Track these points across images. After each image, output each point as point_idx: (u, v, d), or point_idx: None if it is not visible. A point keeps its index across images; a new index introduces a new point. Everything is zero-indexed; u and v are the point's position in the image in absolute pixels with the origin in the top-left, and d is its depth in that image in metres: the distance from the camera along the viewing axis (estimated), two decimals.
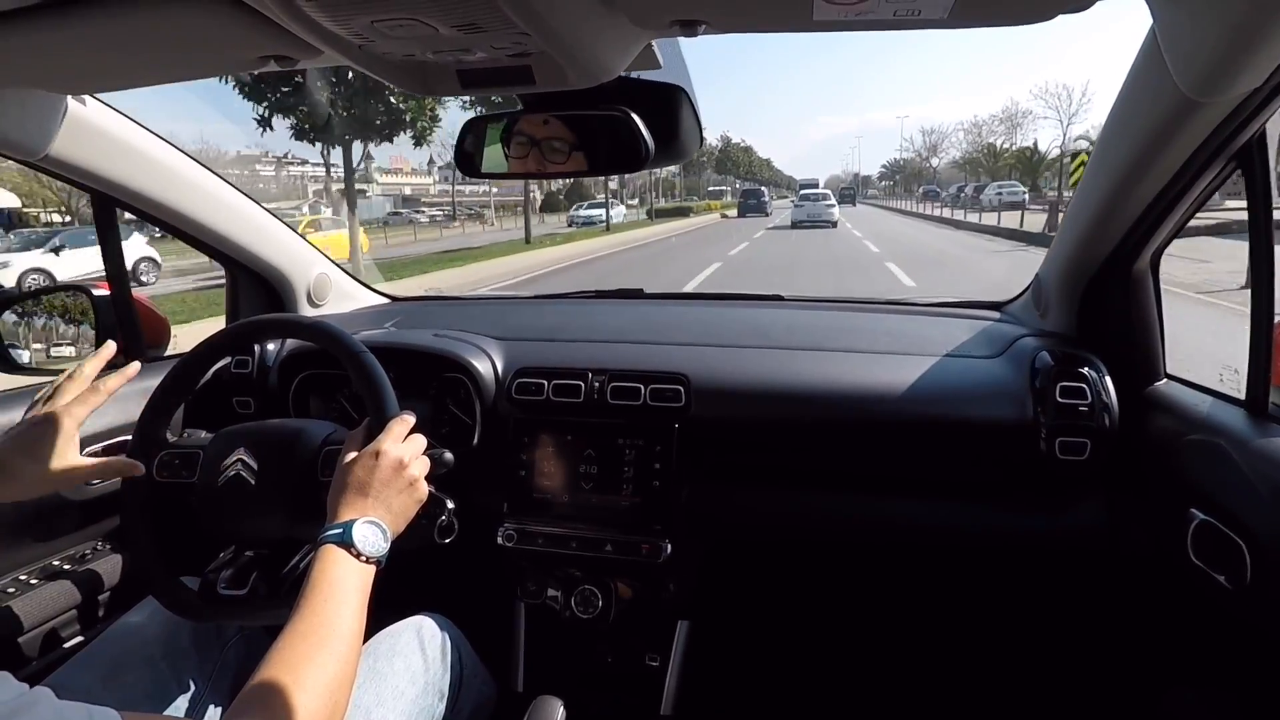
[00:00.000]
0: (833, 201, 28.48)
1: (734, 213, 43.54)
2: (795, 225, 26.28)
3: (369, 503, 0.80)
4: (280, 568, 0.93)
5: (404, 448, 0.85)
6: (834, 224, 25.99)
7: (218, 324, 1.12)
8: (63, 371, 1.24)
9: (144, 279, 15.18)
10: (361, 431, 0.88)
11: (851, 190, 70.29)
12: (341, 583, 0.73)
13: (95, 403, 0.90)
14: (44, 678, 0.86)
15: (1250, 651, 0.87)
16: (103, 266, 1.29)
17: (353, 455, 0.83)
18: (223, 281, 1.59)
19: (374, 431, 0.86)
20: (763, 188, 50.98)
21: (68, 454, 0.87)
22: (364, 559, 0.76)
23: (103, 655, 0.90)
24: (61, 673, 0.87)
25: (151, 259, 16.29)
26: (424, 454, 0.88)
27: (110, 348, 0.95)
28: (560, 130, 0.90)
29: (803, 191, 33.38)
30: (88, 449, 1.15)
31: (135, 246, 15.36)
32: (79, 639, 1.14)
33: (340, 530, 0.77)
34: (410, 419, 0.88)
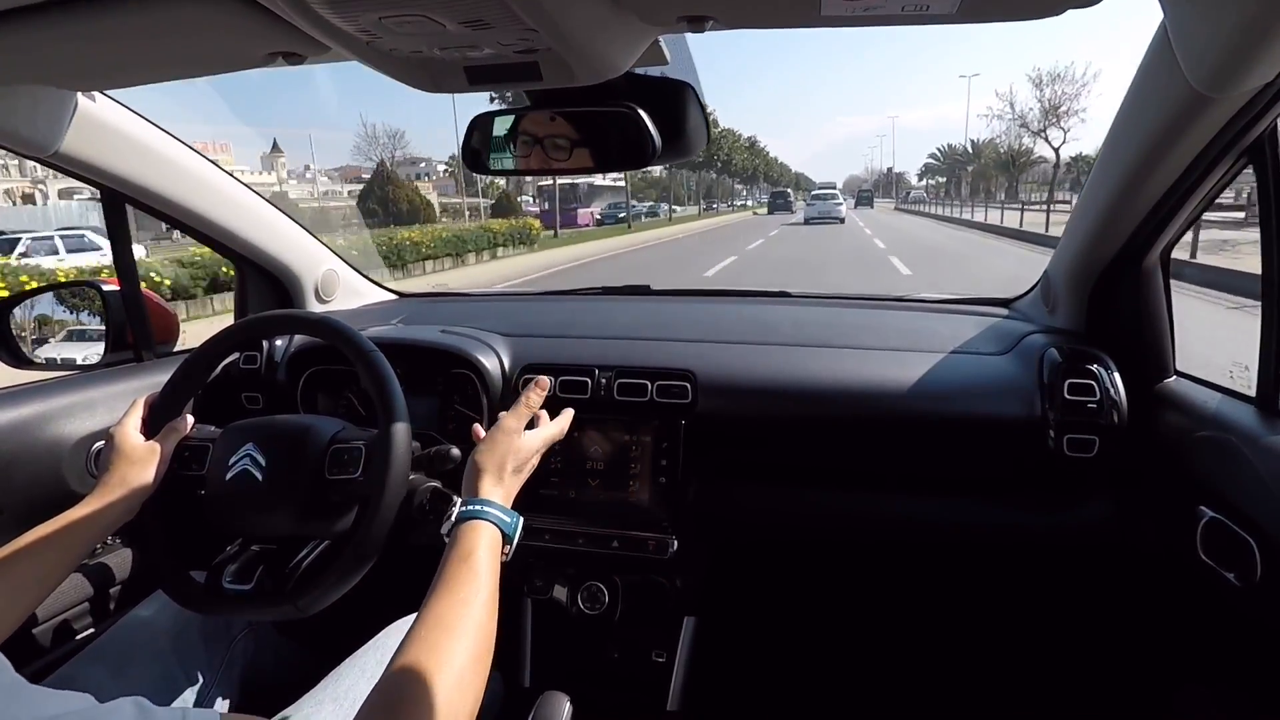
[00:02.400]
0: (840, 201, 33.52)
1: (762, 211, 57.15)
2: (808, 221, 31.02)
3: (515, 494, 0.87)
4: (286, 564, 0.93)
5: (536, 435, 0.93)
6: (841, 220, 31.09)
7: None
8: (73, 367, 1.26)
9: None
10: (524, 407, 0.94)
11: (869, 192, 72.00)
12: (493, 582, 0.74)
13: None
14: (57, 669, 0.87)
15: (1261, 649, 0.87)
16: None
17: (526, 432, 0.91)
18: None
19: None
20: (789, 190, 63.73)
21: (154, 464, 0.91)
22: (506, 555, 0.80)
23: (113, 647, 0.91)
24: (73, 664, 0.88)
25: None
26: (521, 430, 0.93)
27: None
28: (567, 126, 0.90)
29: (814, 193, 37.91)
30: (95, 446, 1.16)
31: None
32: (90, 631, 1.15)
33: (510, 520, 0.81)
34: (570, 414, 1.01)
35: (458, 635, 0.65)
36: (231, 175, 1.38)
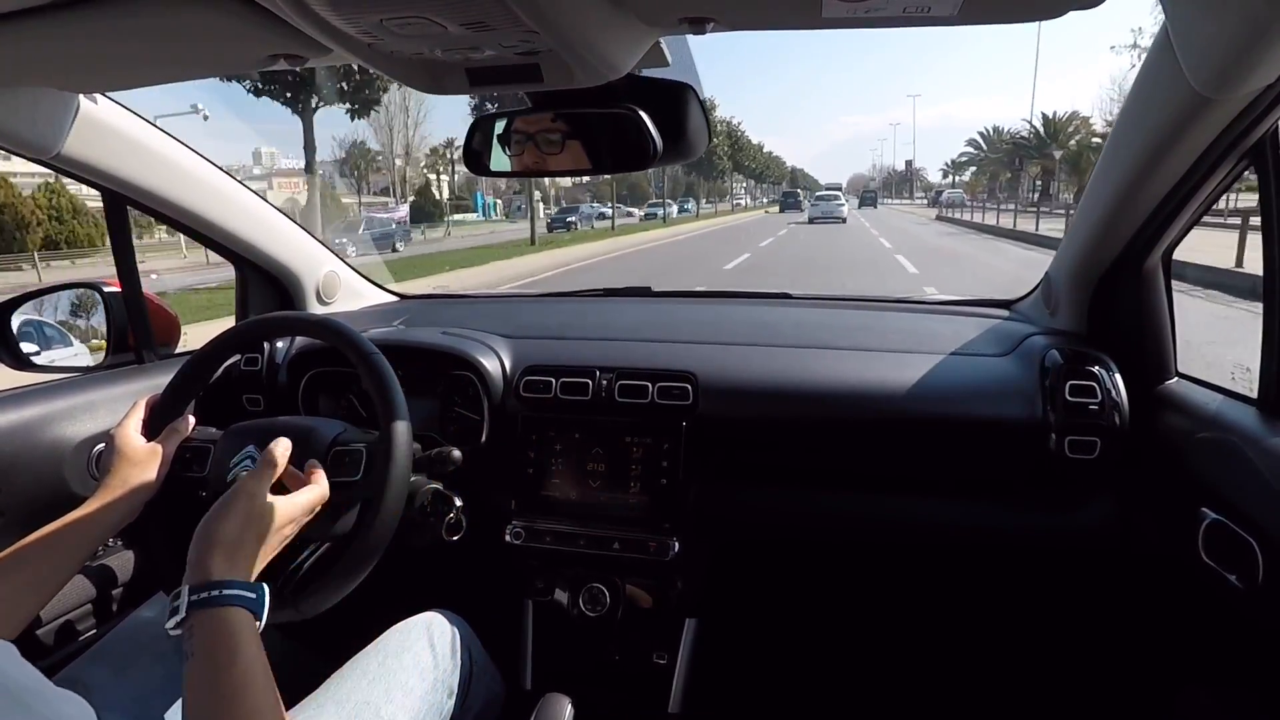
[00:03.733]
0: (842, 201, 36.42)
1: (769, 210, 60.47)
2: (812, 221, 33.21)
3: (260, 567, 0.75)
4: (286, 566, 0.93)
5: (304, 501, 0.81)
6: (843, 220, 33.13)
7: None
8: (75, 369, 1.26)
9: None
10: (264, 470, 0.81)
11: (873, 193, 72.74)
12: (260, 654, 0.65)
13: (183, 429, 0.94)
14: (60, 670, 0.87)
15: (1263, 650, 0.86)
16: None
17: (279, 501, 0.78)
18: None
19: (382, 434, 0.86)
20: (799, 191, 64.70)
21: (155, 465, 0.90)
22: (260, 624, 0.70)
23: (115, 649, 0.91)
24: (75, 665, 0.88)
25: None
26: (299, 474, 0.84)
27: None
28: (568, 128, 0.90)
29: (818, 194, 42.21)
30: (96, 448, 1.16)
31: None
32: (93, 632, 1.15)
33: (257, 596, 0.70)
34: (283, 447, 0.83)
35: None
36: (232, 176, 1.38)
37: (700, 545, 1.18)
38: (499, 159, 0.95)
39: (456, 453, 0.91)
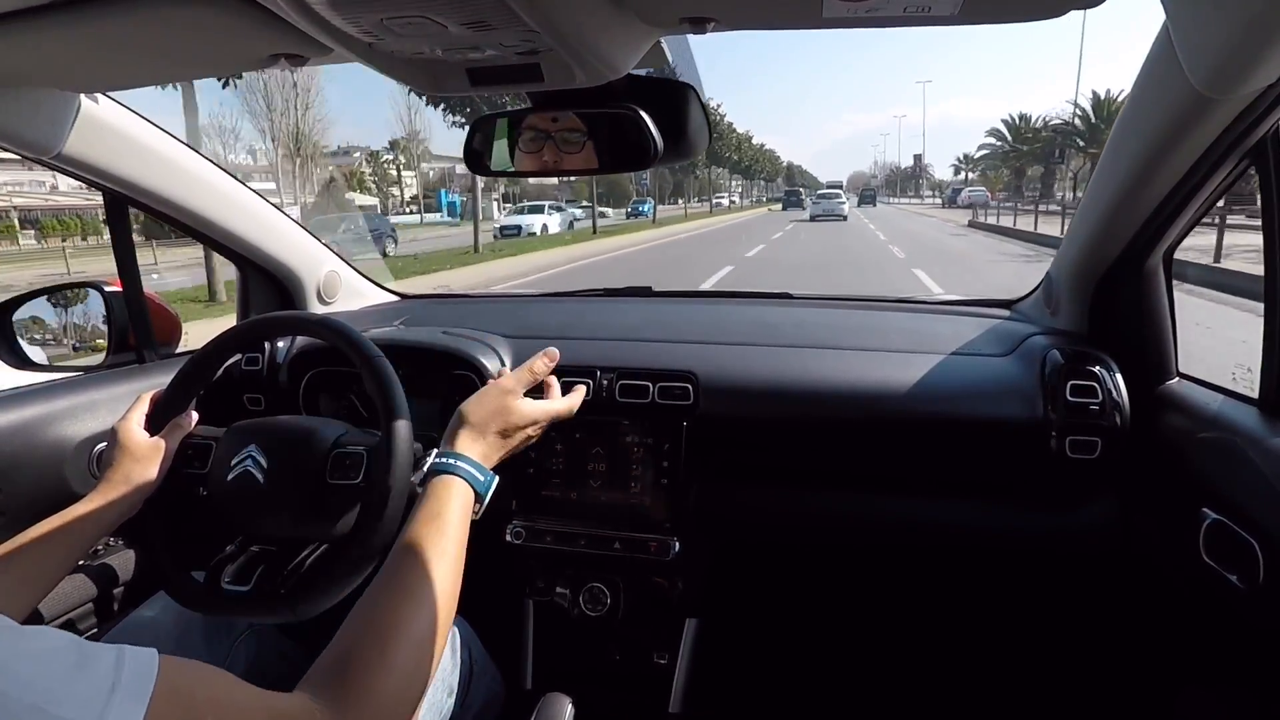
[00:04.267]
0: (843, 200, 38.02)
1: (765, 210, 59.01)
2: (814, 219, 34.56)
3: (500, 456, 0.83)
4: (285, 566, 0.94)
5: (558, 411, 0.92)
6: (844, 217, 34.41)
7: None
8: (76, 369, 1.27)
9: None
10: (527, 371, 0.92)
11: (872, 192, 74.78)
12: (462, 538, 0.72)
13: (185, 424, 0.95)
14: None
15: (1264, 651, 0.86)
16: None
17: (525, 396, 0.88)
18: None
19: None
20: (801, 189, 65.98)
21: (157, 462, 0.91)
22: (477, 514, 0.76)
23: None
24: None
25: None
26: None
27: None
28: (569, 128, 0.90)
29: (819, 192, 44.65)
30: (97, 447, 1.16)
31: None
32: (94, 631, 1.15)
33: (486, 480, 0.77)
34: (582, 391, 0.98)
35: (419, 600, 0.64)
36: (233, 176, 1.38)
37: (701, 545, 1.18)
38: (499, 159, 0.95)
39: None
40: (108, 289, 1.29)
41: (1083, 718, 1.31)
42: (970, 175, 75.64)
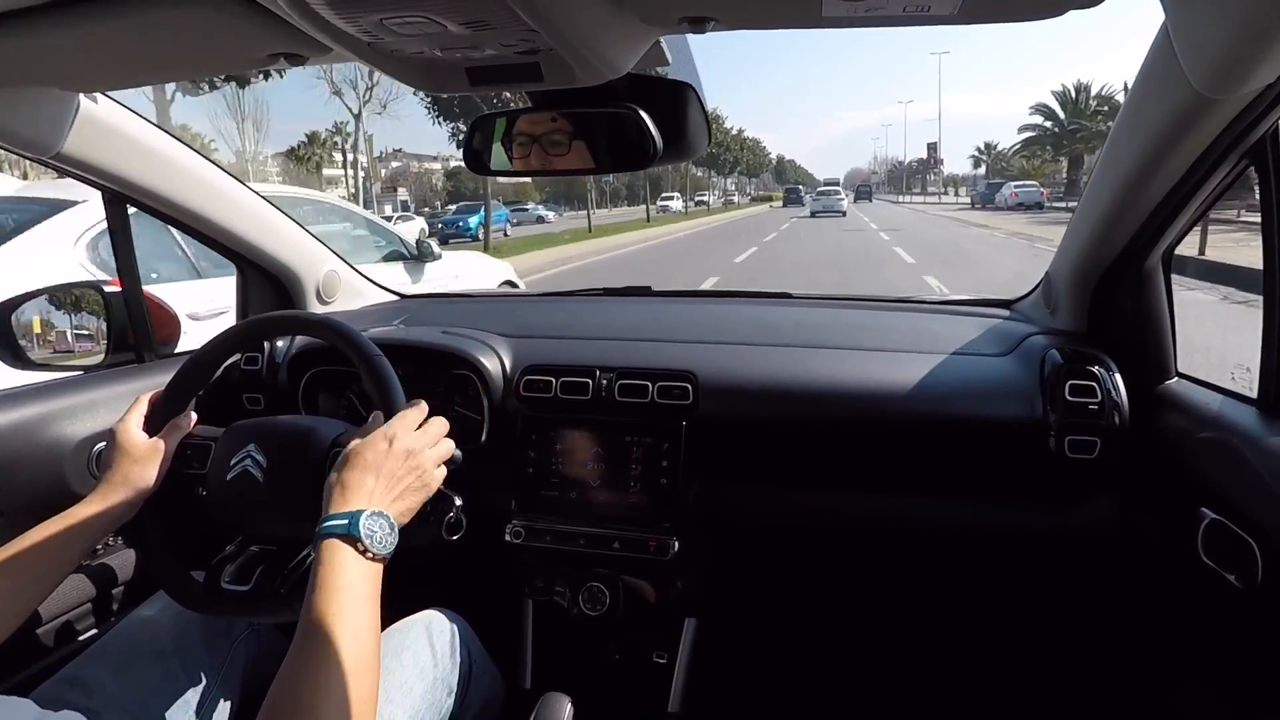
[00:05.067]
0: (841, 197, 39.90)
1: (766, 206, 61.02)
2: (814, 215, 36.28)
3: (375, 493, 0.76)
4: (284, 565, 0.94)
5: (415, 436, 0.82)
6: (843, 213, 35.54)
7: None
8: (75, 368, 1.27)
9: None
10: (373, 424, 0.85)
11: (868, 188, 77.12)
12: (350, 587, 0.68)
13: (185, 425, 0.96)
14: (59, 669, 0.87)
15: (1262, 650, 0.87)
16: None
17: (358, 441, 0.80)
18: None
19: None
20: (800, 186, 69.48)
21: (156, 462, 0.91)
22: (371, 555, 0.72)
23: (115, 648, 0.91)
24: (75, 665, 0.88)
25: None
26: (442, 441, 0.86)
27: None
28: (568, 127, 0.90)
29: (819, 189, 47.04)
30: (96, 447, 1.16)
31: None
32: (93, 631, 1.15)
33: (346, 522, 0.72)
34: (423, 406, 0.86)
35: (329, 665, 0.63)
36: (233, 176, 1.38)
37: (700, 545, 1.18)
38: (499, 159, 0.95)
39: (457, 452, 0.91)
40: (107, 289, 1.29)
41: (1082, 717, 1.31)
42: (988, 168, 66.38)
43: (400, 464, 0.79)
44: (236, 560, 0.93)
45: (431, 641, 0.96)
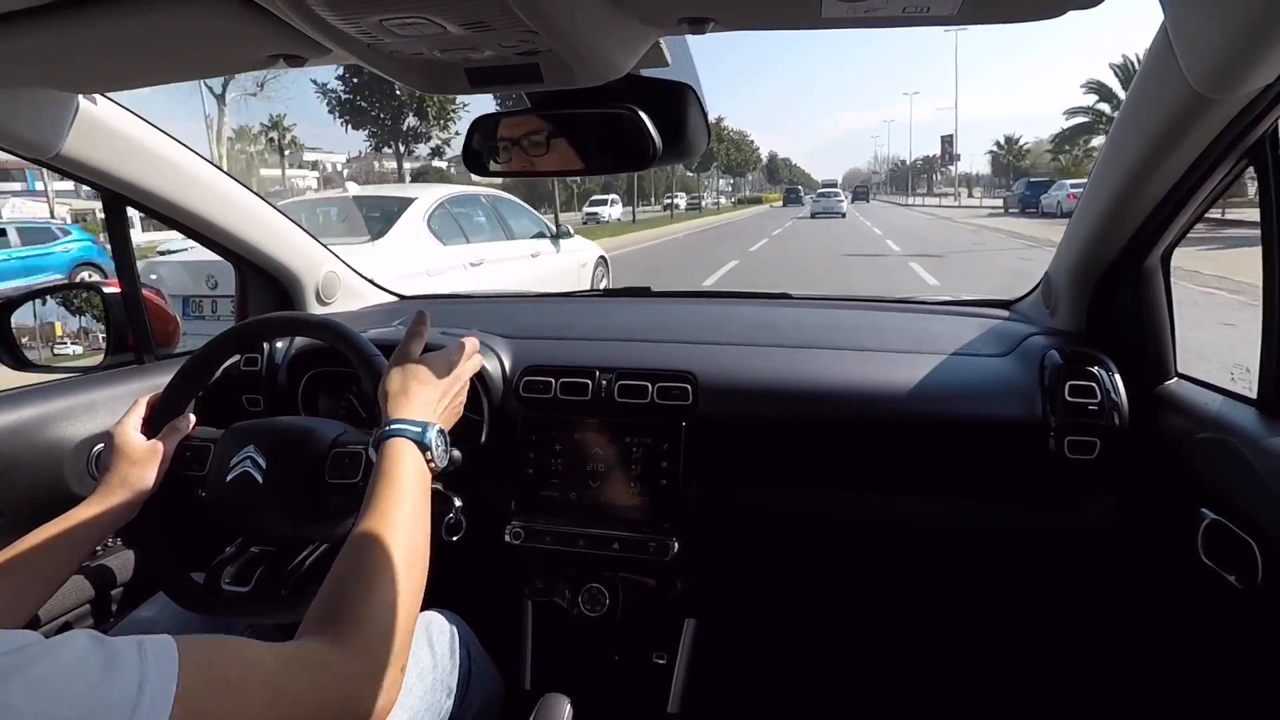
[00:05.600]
0: (841, 198, 40.88)
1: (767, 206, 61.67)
2: (814, 215, 36.86)
3: (437, 410, 0.84)
4: (284, 566, 0.94)
5: (468, 366, 0.92)
6: (843, 215, 35.96)
7: None
8: (74, 370, 1.26)
9: None
10: (415, 336, 0.91)
11: (865, 189, 78.95)
12: (414, 484, 0.76)
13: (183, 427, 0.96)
14: None
15: (1262, 651, 0.87)
16: None
17: (415, 362, 0.87)
18: None
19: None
20: (800, 187, 70.96)
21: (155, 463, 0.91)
22: (433, 467, 0.80)
23: None
24: None
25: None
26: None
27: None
28: (568, 128, 0.90)
29: (819, 191, 47.43)
30: (95, 448, 1.16)
31: None
32: None
33: (419, 430, 0.79)
34: (475, 342, 0.95)
35: (391, 540, 0.69)
36: (232, 177, 1.38)
37: (700, 545, 1.18)
38: (499, 159, 0.95)
39: (456, 453, 0.91)
40: (106, 290, 1.29)
41: (1082, 716, 1.31)
42: (1010, 166, 60.46)
43: (453, 390, 0.89)
44: (236, 561, 0.93)
45: (431, 642, 0.96)
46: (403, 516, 0.72)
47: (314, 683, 0.56)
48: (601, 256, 7.52)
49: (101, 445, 1.15)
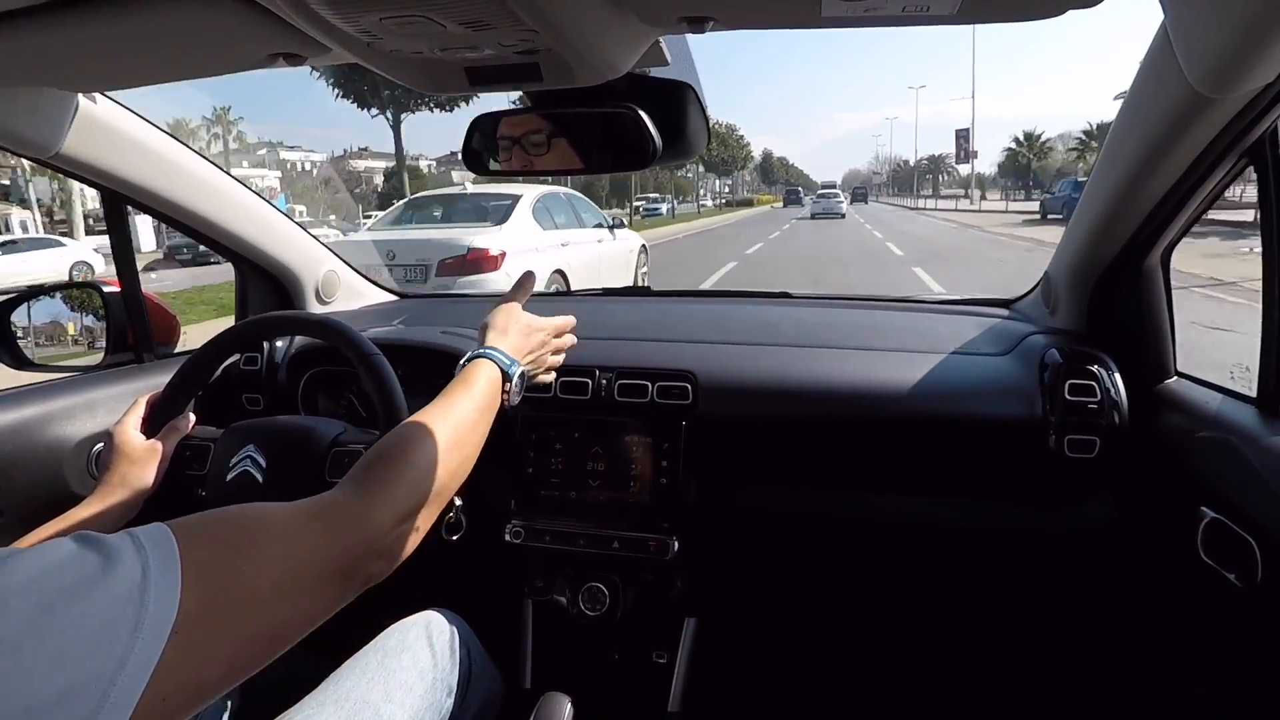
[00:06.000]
0: (841, 199, 42.93)
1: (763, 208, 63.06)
2: (814, 216, 38.00)
3: (524, 355, 0.95)
4: None
5: (561, 341, 1.06)
6: (842, 215, 37.23)
7: None
8: (74, 369, 1.26)
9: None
10: (522, 289, 1.06)
11: (863, 190, 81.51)
12: (485, 395, 0.83)
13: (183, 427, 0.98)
14: None
15: (1262, 650, 0.87)
16: None
17: (526, 313, 1.00)
18: None
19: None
20: (799, 189, 74.23)
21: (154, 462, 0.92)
22: (507, 399, 0.88)
23: None
24: None
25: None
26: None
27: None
28: (568, 127, 0.90)
29: (819, 192, 50.15)
30: (95, 447, 1.16)
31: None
32: None
33: (509, 362, 0.89)
34: (572, 320, 1.09)
35: (442, 423, 0.75)
36: (231, 176, 1.38)
37: (700, 544, 1.18)
38: (499, 159, 0.95)
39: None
40: (106, 289, 1.29)
41: (1081, 716, 1.31)
42: (1029, 167, 56.09)
43: (540, 350, 1.00)
44: None
45: (431, 642, 0.96)
46: (463, 410, 0.79)
47: (329, 530, 0.57)
48: (643, 245, 8.95)
49: (101, 445, 1.15)
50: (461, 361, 0.90)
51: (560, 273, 6.29)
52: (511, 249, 5.71)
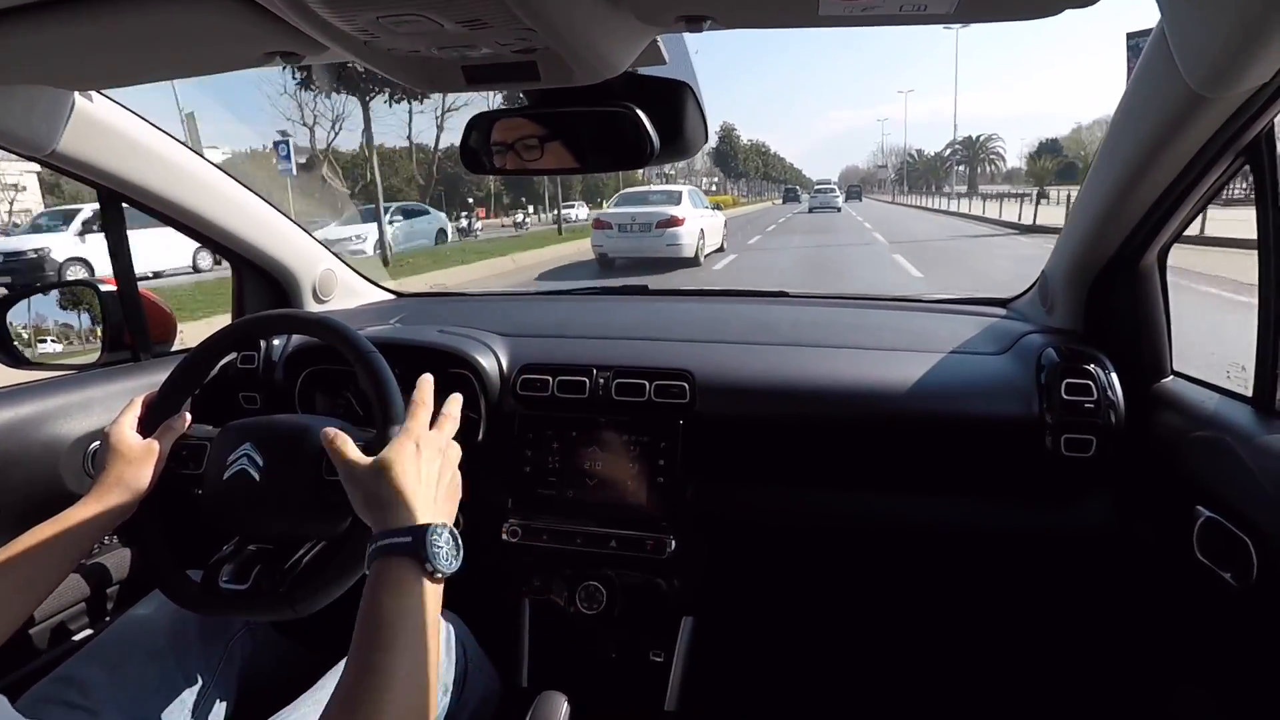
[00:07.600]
0: (837, 195, 47.02)
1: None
2: (812, 210, 40.24)
3: (430, 503, 0.72)
4: (283, 564, 0.94)
5: (436, 434, 0.79)
6: (838, 209, 39.93)
7: None
8: (70, 367, 1.26)
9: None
10: (375, 437, 0.82)
11: (858, 188, 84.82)
12: (414, 614, 0.64)
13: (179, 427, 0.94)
14: (54, 669, 0.87)
15: (1258, 649, 0.87)
16: None
17: (385, 453, 0.74)
18: None
19: (386, 422, 0.83)
20: (796, 187, 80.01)
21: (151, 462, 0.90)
22: (440, 576, 0.67)
23: (110, 647, 0.90)
24: (69, 664, 0.88)
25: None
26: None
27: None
28: (565, 127, 0.90)
29: (816, 188, 54.00)
30: (91, 446, 1.16)
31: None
32: (88, 631, 1.15)
33: (409, 540, 0.66)
34: (427, 393, 0.83)
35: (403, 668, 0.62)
36: (228, 174, 1.37)
37: (697, 543, 1.19)
38: (496, 158, 0.95)
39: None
40: (103, 287, 1.29)
41: (1078, 716, 1.32)
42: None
43: (436, 466, 0.75)
44: (234, 559, 0.92)
45: None
46: (407, 664, 0.62)
47: None
48: (725, 219, 14.93)
49: (97, 443, 1.15)
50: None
51: (701, 230, 12.06)
52: (688, 216, 11.64)
